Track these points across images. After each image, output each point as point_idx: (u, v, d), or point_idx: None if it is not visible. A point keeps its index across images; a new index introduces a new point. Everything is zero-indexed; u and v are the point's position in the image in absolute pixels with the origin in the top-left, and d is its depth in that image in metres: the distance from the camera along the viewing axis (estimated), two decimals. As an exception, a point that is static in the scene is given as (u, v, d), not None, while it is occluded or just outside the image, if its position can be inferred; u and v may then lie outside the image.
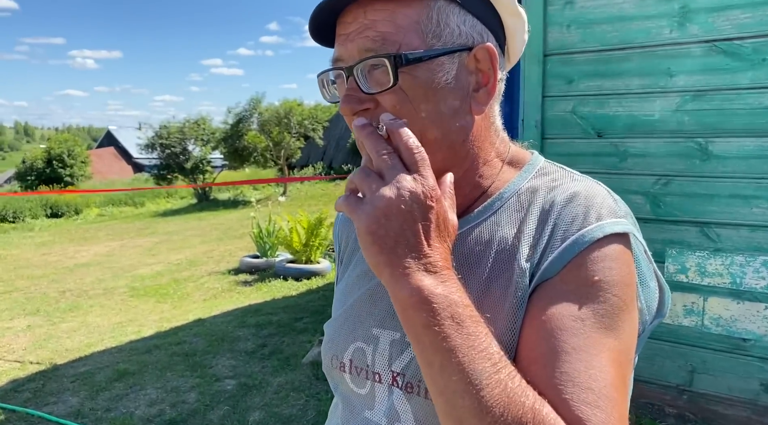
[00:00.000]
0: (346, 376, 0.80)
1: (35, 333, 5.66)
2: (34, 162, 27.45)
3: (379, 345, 0.77)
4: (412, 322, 0.60)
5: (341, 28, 0.70)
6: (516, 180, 0.77)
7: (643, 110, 2.83)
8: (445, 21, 0.69)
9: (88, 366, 4.59)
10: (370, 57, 0.67)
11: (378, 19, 0.67)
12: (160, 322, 5.90)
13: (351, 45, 0.69)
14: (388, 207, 0.60)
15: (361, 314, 0.81)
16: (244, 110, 19.54)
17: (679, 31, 2.70)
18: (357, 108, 0.69)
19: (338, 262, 0.96)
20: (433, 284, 0.60)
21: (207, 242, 11.50)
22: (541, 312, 0.65)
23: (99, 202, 20.98)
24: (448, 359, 0.58)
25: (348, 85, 0.69)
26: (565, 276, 0.66)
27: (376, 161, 0.64)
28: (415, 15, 0.68)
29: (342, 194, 0.66)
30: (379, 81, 0.68)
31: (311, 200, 17.94)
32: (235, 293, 7.12)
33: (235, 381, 4.14)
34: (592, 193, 0.71)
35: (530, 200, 0.73)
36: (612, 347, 0.63)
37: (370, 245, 0.61)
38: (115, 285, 7.90)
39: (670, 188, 2.82)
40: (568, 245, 0.67)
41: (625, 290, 0.66)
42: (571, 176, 0.76)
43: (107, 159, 41.97)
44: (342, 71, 0.70)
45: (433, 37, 0.68)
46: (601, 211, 0.68)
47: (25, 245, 12.60)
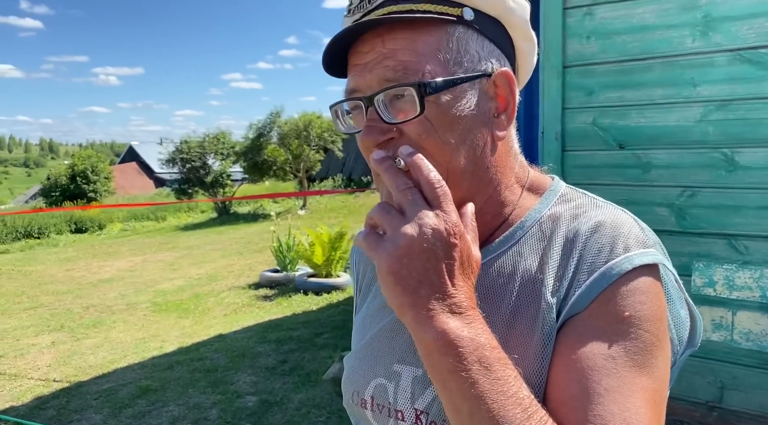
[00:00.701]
0: (368, 413, 0.78)
1: (59, 350, 5.73)
2: (58, 178, 27.96)
3: (401, 382, 0.75)
4: (437, 367, 0.58)
5: (356, 58, 0.69)
6: (537, 207, 0.75)
7: (666, 120, 2.79)
8: (465, 47, 0.67)
9: (111, 383, 4.63)
10: (393, 86, 0.65)
11: (398, 48, 0.66)
12: (182, 338, 5.93)
13: (370, 75, 0.67)
14: (410, 246, 0.58)
15: (381, 349, 0.79)
16: (264, 123, 19.72)
17: (702, 40, 2.65)
18: (380, 139, 0.67)
19: (356, 291, 0.94)
20: (458, 326, 0.58)
21: (227, 256, 11.58)
22: (571, 351, 0.62)
23: (122, 217, 21.26)
24: (477, 406, 0.56)
25: (369, 116, 0.67)
26: (593, 312, 0.63)
27: (396, 196, 0.62)
28: (435, 42, 0.66)
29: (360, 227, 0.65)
30: (403, 110, 0.66)
31: (331, 213, 17.99)
32: (255, 308, 7.14)
33: (257, 398, 4.14)
34: (619, 222, 0.68)
35: (553, 229, 0.71)
36: (646, 386, 0.60)
37: (392, 286, 0.59)
38: (137, 300, 7.98)
39: (696, 200, 2.76)
40: (596, 278, 0.64)
41: (657, 325, 0.63)
42: (595, 202, 0.74)
43: (130, 174, 42.62)
44: (360, 102, 0.68)
45: (454, 64, 0.67)
46: (629, 241, 0.66)
47: (49, 261, 12.81)
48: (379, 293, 0.85)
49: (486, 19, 0.70)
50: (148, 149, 52.30)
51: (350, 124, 0.74)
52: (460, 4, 0.68)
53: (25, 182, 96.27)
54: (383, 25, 0.66)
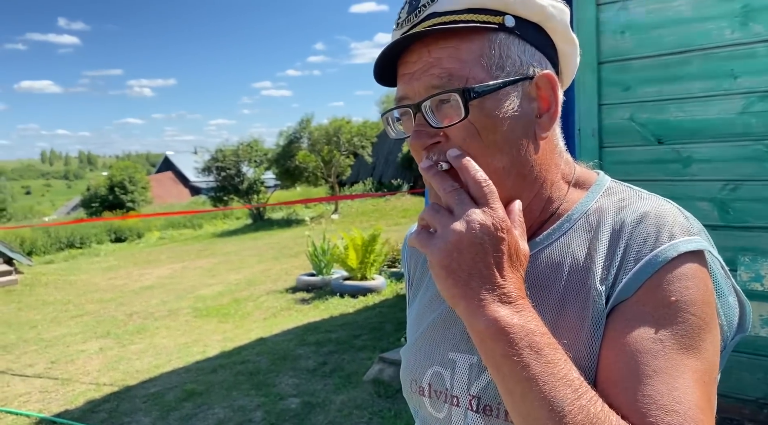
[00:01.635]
0: (426, 400, 0.82)
1: (107, 355, 5.91)
2: (97, 190, 28.76)
3: (457, 369, 0.78)
4: (490, 352, 0.62)
5: (405, 68, 0.73)
6: (584, 201, 0.77)
7: (706, 113, 2.75)
8: (506, 53, 0.71)
9: (158, 387, 4.75)
10: (439, 93, 0.69)
11: (443, 57, 0.69)
12: (224, 342, 6.05)
13: (417, 83, 0.71)
14: (460, 241, 0.62)
15: (435, 339, 0.83)
16: (295, 130, 19.94)
17: (741, 31, 2.61)
18: (428, 142, 0.71)
19: (408, 286, 0.98)
20: (508, 314, 0.61)
21: (263, 262, 11.75)
22: (620, 334, 0.65)
23: (159, 225, 21.75)
24: (529, 387, 0.59)
25: (416, 122, 0.71)
26: (641, 297, 0.66)
27: (445, 198, 0.66)
28: (478, 49, 0.70)
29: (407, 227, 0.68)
30: (448, 115, 0.70)
31: (363, 217, 18.08)
32: (293, 311, 7.23)
33: (299, 400, 4.20)
34: (663, 212, 0.71)
35: (599, 221, 0.74)
36: (694, 367, 0.62)
37: (444, 279, 0.63)
38: (178, 306, 8.16)
39: (739, 193, 2.71)
40: (642, 265, 0.67)
41: (704, 309, 0.65)
42: (639, 194, 0.76)
43: (166, 184, 43.54)
44: (409, 109, 0.72)
45: (497, 69, 0.70)
46: (674, 229, 0.68)
47: (92, 270, 13.19)
48: (430, 286, 0.89)
49: (527, 25, 0.73)
50: (182, 158, 53.35)
51: (400, 130, 0.78)
52: (501, 13, 0.71)
53: (65, 194, 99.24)
54: (429, 36, 0.70)
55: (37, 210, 45.56)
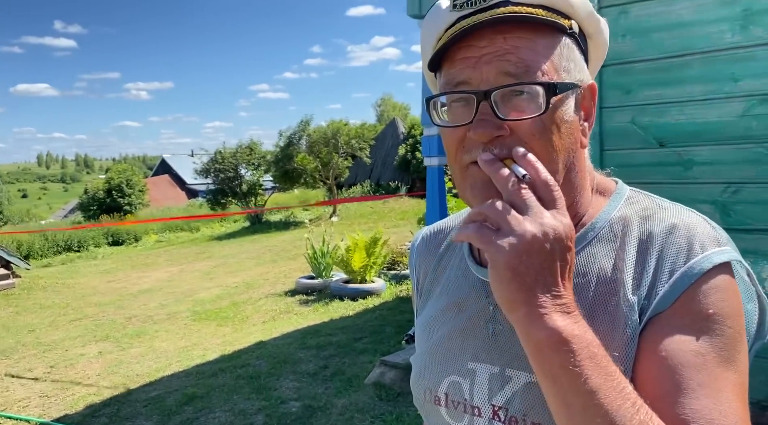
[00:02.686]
0: (442, 410, 0.81)
1: (106, 359, 5.90)
2: (95, 193, 28.70)
3: (477, 379, 0.77)
4: (549, 363, 0.60)
5: (467, 51, 0.69)
6: (606, 209, 0.77)
7: (707, 116, 2.76)
8: (571, 57, 0.71)
9: (159, 391, 4.74)
10: (518, 84, 0.67)
11: (520, 46, 0.68)
12: (223, 345, 6.04)
13: (487, 68, 0.68)
14: (532, 243, 0.60)
15: (452, 349, 0.81)
16: (294, 132, 19.94)
17: (741, 34, 2.62)
18: (494, 134, 0.67)
19: (417, 293, 0.96)
20: (569, 325, 0.60)
21: (262, 265, 11.74)
22: (659, 348, 0.65)
23: (157, 228, 21.71)
24: (590, 400, 0.58)
25: (481, 110, 0.67)
26: (678, 310, 0.66)
27: (509, 195, 0.63)
28: (552, 47, 0.70)
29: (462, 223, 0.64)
30: (520, 108, 0.67)
31: (361, 219, 18.08)
32: (293, 314, 7.23)
33: (300, 403, 4.20)
34: (691, 223, 0.71)
35: (624, 230, 0.74)
36: (735, 381, 0.63)
37: (508, 282, 0.60)
38: (177, 310, 8.15)
39: (741, 196, 2.72)
40: (678, 278, 0.67)
41: (738, 321, 0.66)
42: (660, 204, 0.76)
43: (162, 186, 43.49)
44: (473, 95, 0.68)
45: (564, 71, 0.70)
46: (704, 241, 0.69)
47: (90, 274, 13.16)
48: (444, 294, 0.87)
49: (582, 35, 0.75)
50: (179, 161, 53.32)
51: (445, 118, 0.73)
52: (568, 17, 0.72)
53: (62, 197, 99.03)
54: (505, 23, 0.68)
55: (33, 213, 45.46)
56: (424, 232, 0.99)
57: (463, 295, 0.83)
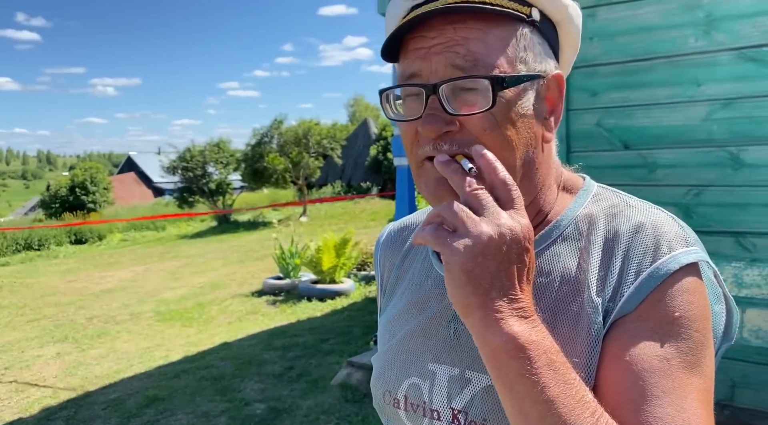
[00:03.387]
0: (401, 413, 0.78)
1: (65, 360, 5.72)
2: (58, 190, 27.95)
3: (436, 381, 0.74)
4: (505, 370, 0.57)
5: (420, 42, 0.67)
6: (572, 207, 0.75)
7: (671, 120, 2.80)
8: (530, 46, 0.68)
9: (119, 393, 4.62)
10: (465, 77, 0.64)
11: (470, 38, 0.65)
12: (187, 346, 5.92)
13: (436, 59, 0.65)
14: (487, 246, 0.57)
15: (413, 349, 0.78)
16: (266, 131, 19.76)
17: (705, 39, 2.67)
18: (443, 129, 0.65)
19: (380, 291, 0.93)
20: (526, 330, 0.57)
21: (229, 265, 11.57)
22: (624, 352, 0.63)
23: (121, 227, 21.23)
24: (548, 410, 0.55)
25: (430, 104, 0.65)
26: (643, 313, 0.64)
27: (466, 196, 0.60)
28: (506, 38, 0.66)
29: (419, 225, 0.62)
30: (469, 102, 0.65)
31: (331, 220, 18.00)
32: (259, 315, 7.13)
33: (265, 405, 4.13)
34: (658, 221, 0.69)
35: (589, 229, 0.71)
36: (700, 386, 0.61)
37: (463, 285, 0.57)
38: (140, 310, 7.96)
39: (702, 199, 2.77)
40: (644, 279, 0.64)
41: (705, 324, 0.64)
42: (628, 201, 0.74)
43: (128, 184, 42.61)
44: (422, 89, 0.66)
45: (519, 62, 0.67)
46: (671, 240, 0.66)
47: (51, 273, 12.79)
48: (406, 293, 0.84)
49: (547, 23, 0.71)
50: (146, 159, 52.35)
51: (399, 111, 0.71)
52: (529, 4, 0.68)
53: (23, 195, 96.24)
54: (457, 12, 0.65)
55: (-8, 211, 44.04)
56: (389, 228, 0.96)
57: (426, 294, 0.80)
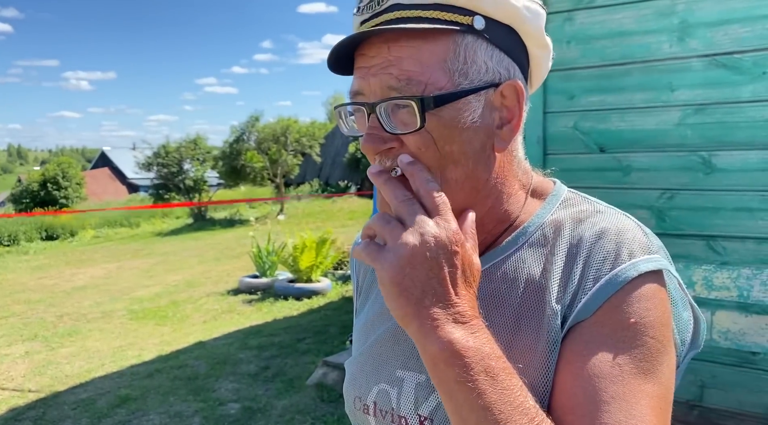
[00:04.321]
0: (371, 419, 0.78)
1: (34, 360, 5.60)
2: (29, 184, 27.35)
3: (404, 388, 0.74)
4: (443, 377, 0.58)
5: (361, 61, 0.67)
6: (540, 213, 0.74)
7: (645, 124, 2.84)
8: (472, 58, 0.66)
9: (89, 393, 4.53)
10: (395, 98, 0.64)
11: (403, 56, 0.64)
12: (161, 345, 5.84)
13: (374, 80, 0.65)
14: (413, 255, 0.58)
15: (383, 355, 0.78)
16: (243, 128, 19.60)
17: (679, 45, 2.71)
18: (381, 147, 0.66)
19: (356, 294, 0.94)
20: (463, 336, 0.58)
21: (204, 263, 11.44)
22: (577, 357, 0.63)
23: (94, 223, 20.86)
24: (484, 416, 0.56)
25: (370, 123, 0.66)
26: (600, 318, 0.64)
27: (396, 207, 0.62)
28: (442, 52, 0.65)
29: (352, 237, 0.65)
30: (404, 121, 0.65)
31: (309, 218, 17.92)
32: (235, 314, 7.07)
33: (239, 405, 4.09)
34: (622, 227, 0.68)
35: (556, 234, 0.71)
36: (651, 393, 0.61)
37: (395, 297, 0.58)
38: (113, 308, 7.83)
39: (675, 202, 2.82)
40: (602, 285, 0.64)
41: (662, 331, 0.64)
42: (597, 207, 0.73)
43: (102, 180, 41.90)
44: (363, 107, 0.67)
45: (459, 76, 0.65)
46: (633, 247, 0.66)
47: (20, 269, 12.51)
48: (379, 298, 0.84)
49: (498, 27, 0.67)
50: (120, 154, 51.56)
51: (353, 126, 0.72)
52: (471, 12, 0.66)
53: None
54: (393, 31, 0.64)
55: (-40, 205, 42.91)
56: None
57: None
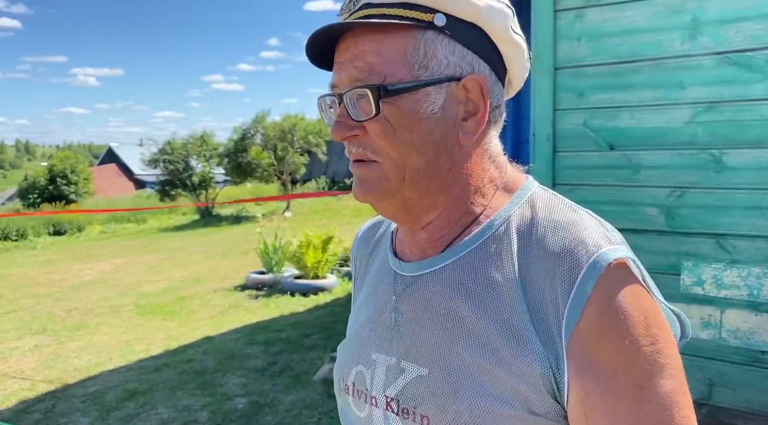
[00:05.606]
0: (350, 398, 0.82)
1: (43, 353, 5.64)
2: (36, 180, 27.48)
3: (377, 370, 0.78)
4: None
5: (337, 56, 0.73)
6: (506, 207, 0.75)
7: (655, 122, 2.83)
8: (432, 52, 0.70)
9: (98, 386, 4.57)
10: (356, 87, 0.70)
11: (367, 50, 0.70)
12: (168, 340, 5.87)
13: (343, 73, 0.71)
14: None
15: (364, 338, 0.83)
16: (249, 126, 19.63)
17: (690, 43, 2.71)
18: (345, 134, 0.72)
19: (354, 281, 0.98)
20: None
21: (211, 259, 11.48)
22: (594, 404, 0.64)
23: (101, 219, 20.96)
24: None
25: (339, 112, 0.73)
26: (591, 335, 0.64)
27: None
28: (402, 46, 0.69)
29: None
30: (365, 110, 0.70)
31: (315, 215, 17.94)
32: (242, 309, 7.09)
33: (247, 400, 4.11)
34: (584, 225, 0.70)
35: (522, 230, 0.72)
36: (672, 388, 0.64)
37: None
38: (120, 303, 7.88)
39: (685, 200, 2.81)
40: (578, 285, 0.65)
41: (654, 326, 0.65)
42: (561, 203, 0.75)
43: (109, 176, 42.06)
44: (335, 97, 0.74)
45: (419, 68, 0.70)
46: (598, 240, 0.67)
47: (28, 264, 12.59)
48: (369, 285, 0.88)
49: (462, 25, 0.71)
50: (127, 150, 51.71)
51: (332, 117, 0.77)
52: (432, 10, 0.70)
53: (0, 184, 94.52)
54: (358, 27, 0.70)
55: (-32, 200, 43.13)
56: (366, 223, 1.00)
57: (379, 285, 0.84)
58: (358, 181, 0.75)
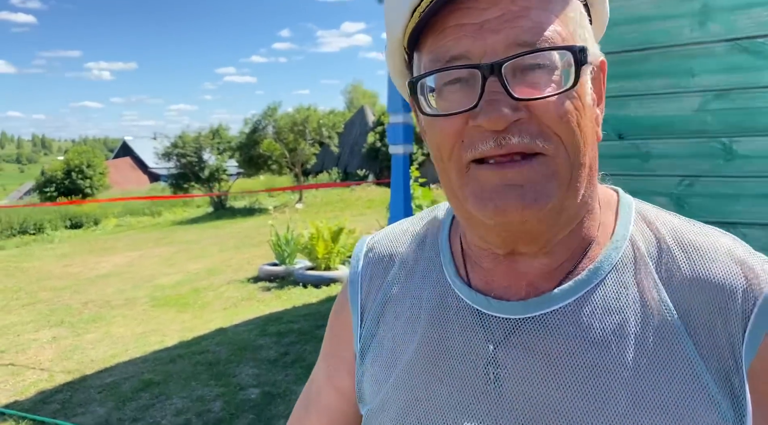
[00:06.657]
0: None
1: (60, 345, 5.74)
2: (53, 174, 27.82)
3: None
4: None
5: (464, 16, 0.53)
6: (622, 224, 0.63)
7: (665, 110, 2.81)
8: (583, 23, 0.58)
9: (114, 377, 4.65)
10: (535, 50, 0.52)
11: (532, 7, 0.53)
12: (183, 332, 5.95)
13: (493, 37, 0.52)
14: None
15: (434, 404, 0.63)
16: (260, 118, 19.70)
17: (700, 30, 2.67)
18: (511, 118, 0.52)
19: (355, 312, 0.75)
20: None
21: (225, 251, 11.58)
22: None
23: (117, 212, 21.19)
24: None
25: (489, 89, 0.52)
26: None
27: None
28: (567, 9, 0.56)
29: None
30: (537, 84, 0.53)
31: (327, 207, 18.00)
32: (255, 301, 7.16)
33: (259, 390, 4.17)
34: (730, 246, 0.60)
35: (651, 253, 0.60)
36: None
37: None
38: (136, 295, 7.98)
39: (695, 189, 2.79)
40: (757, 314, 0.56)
41: None
42: (677, 219, 0.65)
43: (124, 169, 42.45)
44: (477, 71, 0.52)
45: (580, 40, 0.56)
46: (755, 265, 0.59)
47: (46, 257, 12.78)
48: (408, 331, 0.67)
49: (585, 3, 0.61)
50: (141, 144, 52.09)
51: (434, 105, 0.57)
52: None
53: (17, 179, 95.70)
54: None
55: (-13, 195, 43.85)
56: (379, 236, 0.79)
57: (445, 330, 0.64)
58: (513, 187, 0.53)
